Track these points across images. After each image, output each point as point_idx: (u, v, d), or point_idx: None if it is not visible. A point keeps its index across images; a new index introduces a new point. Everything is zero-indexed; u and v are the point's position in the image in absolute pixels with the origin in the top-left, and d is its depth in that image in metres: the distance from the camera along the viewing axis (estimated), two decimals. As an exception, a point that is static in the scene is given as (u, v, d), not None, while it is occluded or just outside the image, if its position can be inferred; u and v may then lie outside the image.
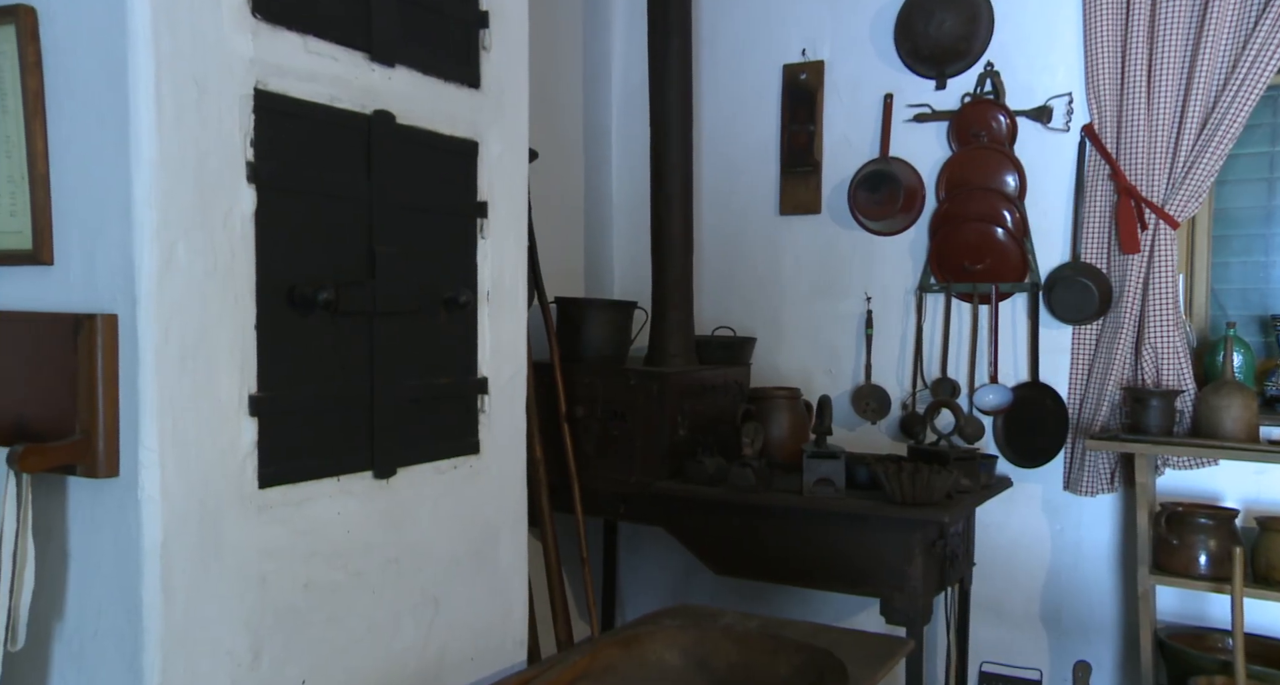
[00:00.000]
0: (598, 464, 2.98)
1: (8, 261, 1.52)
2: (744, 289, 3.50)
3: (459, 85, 1.98)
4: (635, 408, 2.93)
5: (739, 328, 3.37)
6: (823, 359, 3.38)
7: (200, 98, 1.49)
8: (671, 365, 3.09)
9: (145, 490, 1.43)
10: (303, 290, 1.64)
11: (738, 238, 3.50)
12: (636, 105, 3.60)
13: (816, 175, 3.35)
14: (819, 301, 3.39)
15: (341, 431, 1.74)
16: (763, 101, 3.42)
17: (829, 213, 3.35)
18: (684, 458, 2.92)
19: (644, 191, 3.56)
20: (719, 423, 3.16)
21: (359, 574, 1.76)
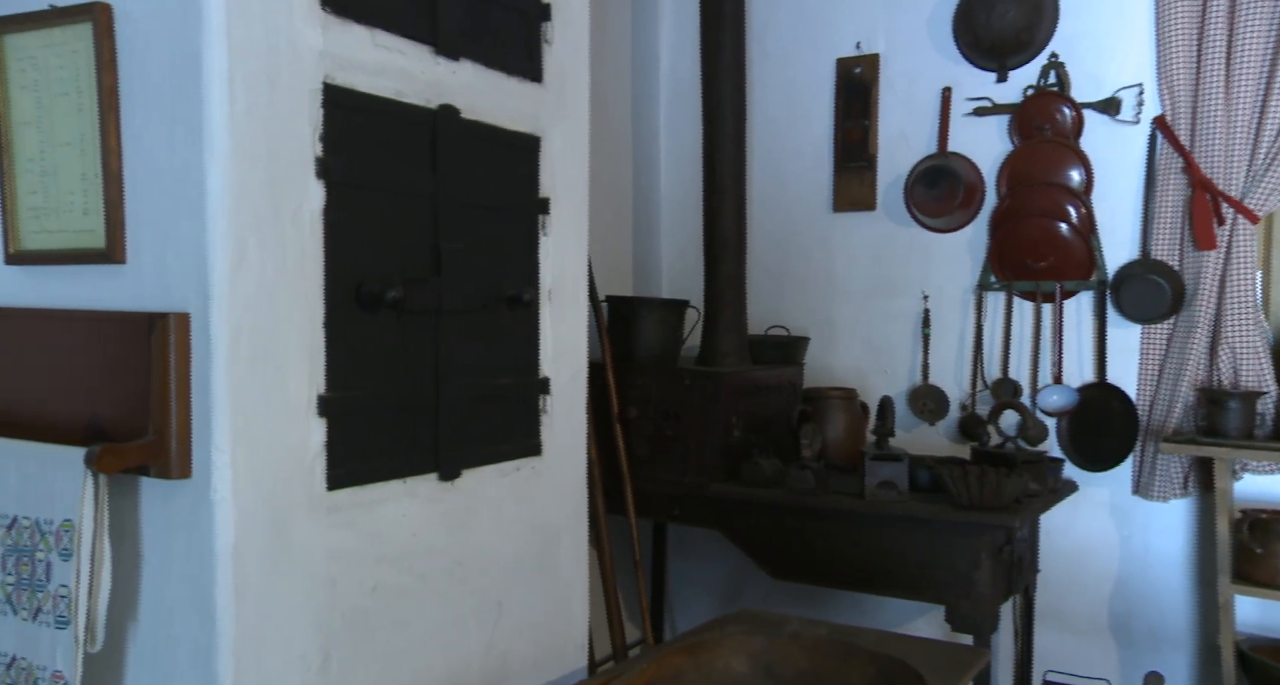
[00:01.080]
0: (650, 465, 2.93)
1: (80, 260, 1.51)
2: (796, 287, 3.44)
3: (521, 79, 1.95)
4: (689, 408, 2.88)
5: (791, 327, 3.31)
6: (877, 359, 3.30)
7: (271, 92, 1.46)
8: (725, 365, 3.03)
9: (217, 492, 1.40)
10: (371, 288, 1.61)
11: (789, 235, 3.43)
12: (685, 100, 3.55)
13: (871, 171, 3.27)
14: (874, 300, 3.31)
15: (407, 432, 1.71)
16: (815, 96, 3.35)
17: (884, 209, 3.27)
18: (739, 459, 2.86)
19: (693, 188, 3.51)
20: (772, 423, 3.10)
21: (424, 577, 1.73)
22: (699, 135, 3.28)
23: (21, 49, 1.51)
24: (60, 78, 1.49)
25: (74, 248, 1.51)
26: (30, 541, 1.38)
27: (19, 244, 1.57)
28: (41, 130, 1.52)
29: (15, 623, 1.38)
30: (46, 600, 1.36)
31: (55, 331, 1.53)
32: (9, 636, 1.39)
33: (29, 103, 1.53)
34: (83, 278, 1.52)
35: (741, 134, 3.09)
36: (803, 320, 3.40)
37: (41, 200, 1.54)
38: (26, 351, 1.56)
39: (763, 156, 3.44)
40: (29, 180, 1.55)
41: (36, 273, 1.57)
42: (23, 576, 1.38)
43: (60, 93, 1.49)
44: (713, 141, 3.08)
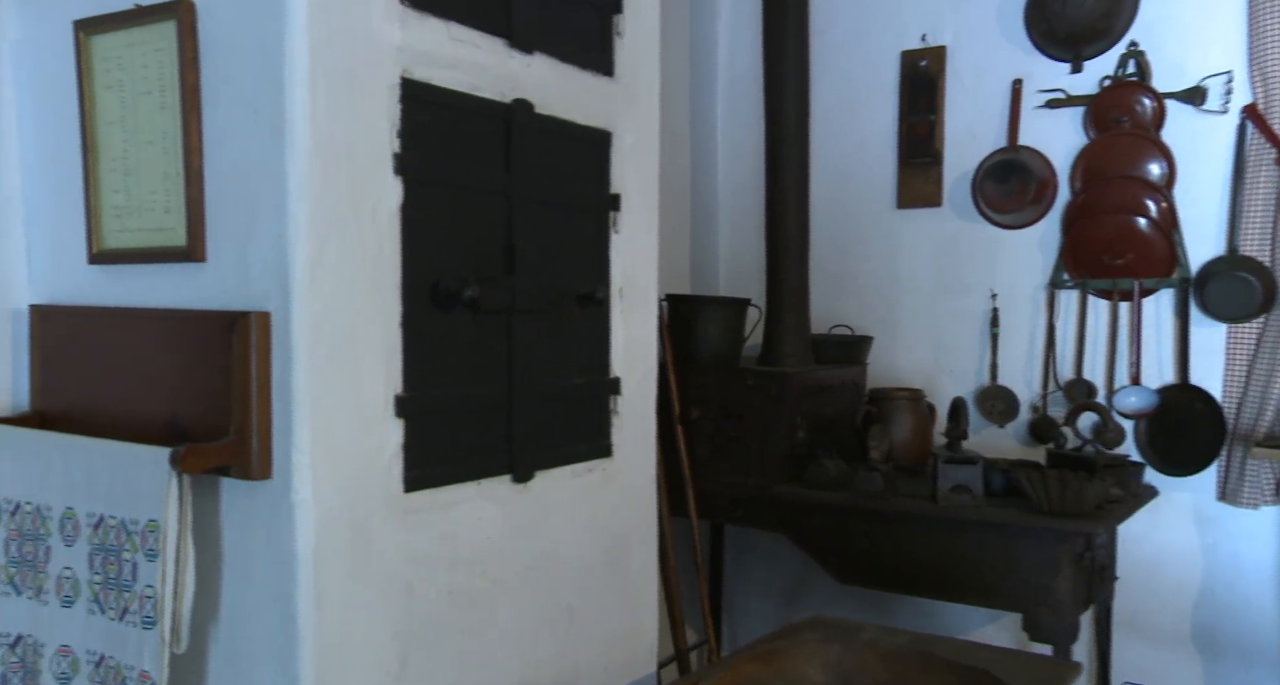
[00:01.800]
0: (712, 467, 2.88)
1: (161, 259, 1.50)
2: (858, 286, 3.36)
3: (594, 73, 1.91)
4: (752, 409, 2.82)
5: (853, 326, 3.23)
6: (943, 359, 3.21)
7: (351, 88, 1.44)
8: (788, 365, 2.97)
9: (298, 493, 1.38)
10: (447, 286, 1.58)
11: (852, 233, 3.35)
12: (743, 97, 3.49)
13: (937, 166, 3.18)
14: (939, 298, 3.22)
15: (481, 434, 1.69)
16: (879, 90, 3.28)
17: (951, 206, 3.18)
18: (803, 461, 2.80)
19: (751, 185, 3.45)
20: (835, 424, 3.03)
21: (499, 582, 1.70)
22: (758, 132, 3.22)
23: (107, 49, 1.51)
24: (144, 76, 1.48)
25: (155, 246, 1.51)
26: (116, 541, 1.37)
27: (101, 243, 1.57)
28: (125, 129, 1.52)
29: (103, 621, 1.38)
30: (133, 600, 1.35)
31: (136, 330, 1.53)
32: (97, 635, 1.39)
33: (113, 102, 1.53)
34: (163, 277, 1.52)
35: (805, 132, 3.02)
36: (865, 319, 3.32)
37: (124, 199, 1.54)
38: (109, 350, 1.56)
39: (824, 153, 3.36)
40: (112, 180, 1.55)
41: (118, 272, 1.57)
42: (110, 576, 1.38)
43: (143, 91, 1.49)
44: (775, 139, 3.02)
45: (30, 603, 1.46)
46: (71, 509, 1.43)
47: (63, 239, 1.63)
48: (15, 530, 1.49)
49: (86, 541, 1.41)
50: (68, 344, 1.61)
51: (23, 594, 1.47)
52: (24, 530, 1.48)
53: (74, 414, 1.60)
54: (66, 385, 1.61)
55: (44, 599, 1.45)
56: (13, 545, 1.49)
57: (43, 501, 1.46)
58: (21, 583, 1.48)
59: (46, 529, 1.45)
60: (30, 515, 1.47)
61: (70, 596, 1.42)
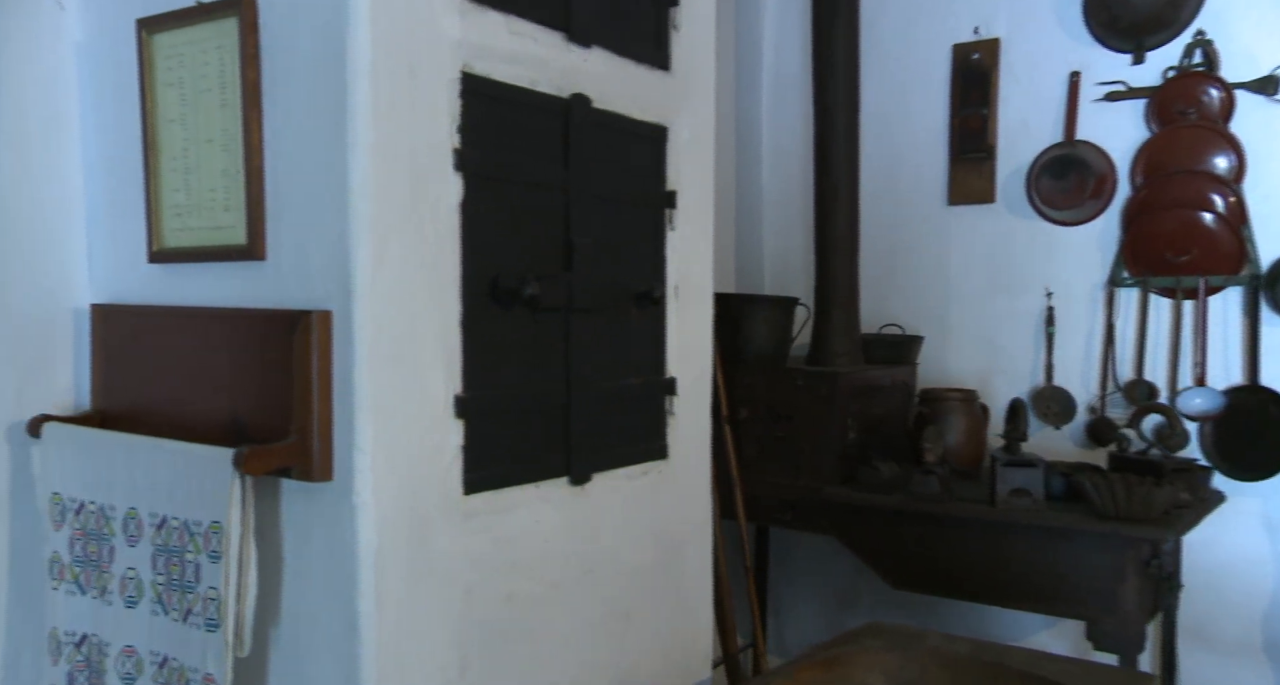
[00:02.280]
0: (760, 468, 2.84)
1: (221, 257, 1.49)
2: (907, 284, 3.29)
3: (650, 67, 1.87)
4: (802, 409, 2.77)
5: (902, 325, 3.17)
6: (996, 359, 3.14)
7: (412, 82, 1.41)
8: (837, 365, 2.91)
9: (359, 495, 1.36)
10: (506, 284, 1.56)
11: (901, 230, 3.29)
12: (789, 93, 3.44)
13: (990, 162, 3.11)
14: (992, 297, 3.15)
15: (538, 435, 1.66)
16: (930, 84, 3.21)
17: (1004, 202, 3.11)
18: (854, 463, 2.75)
19: (796, 182, 3.40)
20: (885, 425, 2.97)
21: (556, 586, 1.67)
22: (803, 128, 3.17)
23: (168, 47, 1.51)
24: (204, 74, 1.47)
25: (215, 245, 1.49)
26: (179, 542, 1.36)
27: (161, 242, 1.57)
28: (185, 127, 1.51)
29: (166, 623, 1.37)
30: (196, 602, 1.34)
31: (196, 330, 1.52)
32: (161, 636, 1.38)
33: (174, 100, 1.52)
34: (223, 275, 1.50)
35: (855, 128, 2.97)
36: (914, 318, 3.26)
37: (184, 197, 1.53)
38: (169, 350, 1.55)
39: (872, 148, 3.30)
40: (172, 178, 1.54)
41: (178, 271, 1.56)
42: (173, 577, 1.37)
43: (204, 89, 1.48)
44: (825, 135, 2.97)
45: (95, 602, 1.46)
46: (134, 509, 1.42)
47: (123, 238, 1.63)
48: (80, 529, 1.48)
49: (149, 542, 1.40)
50: (128, 343, 1.60)
51: (87, 593, 1.47)
52: (88, 529, 1.47)
53: (134, 413, 1.59)
54: (127, 384, 1.61)
55: (108, 599, 1.44)
56: (77, 544, 1.49)
57: (106, 501, 1.46)
58: (86, 582, 1.47)
59: (110, 529, 1.45)
60: (94, 515, 1.47)
61: (134, 597, 1.41)
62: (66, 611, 1.49)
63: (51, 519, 1.52)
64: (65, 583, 1.50)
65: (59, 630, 1.50)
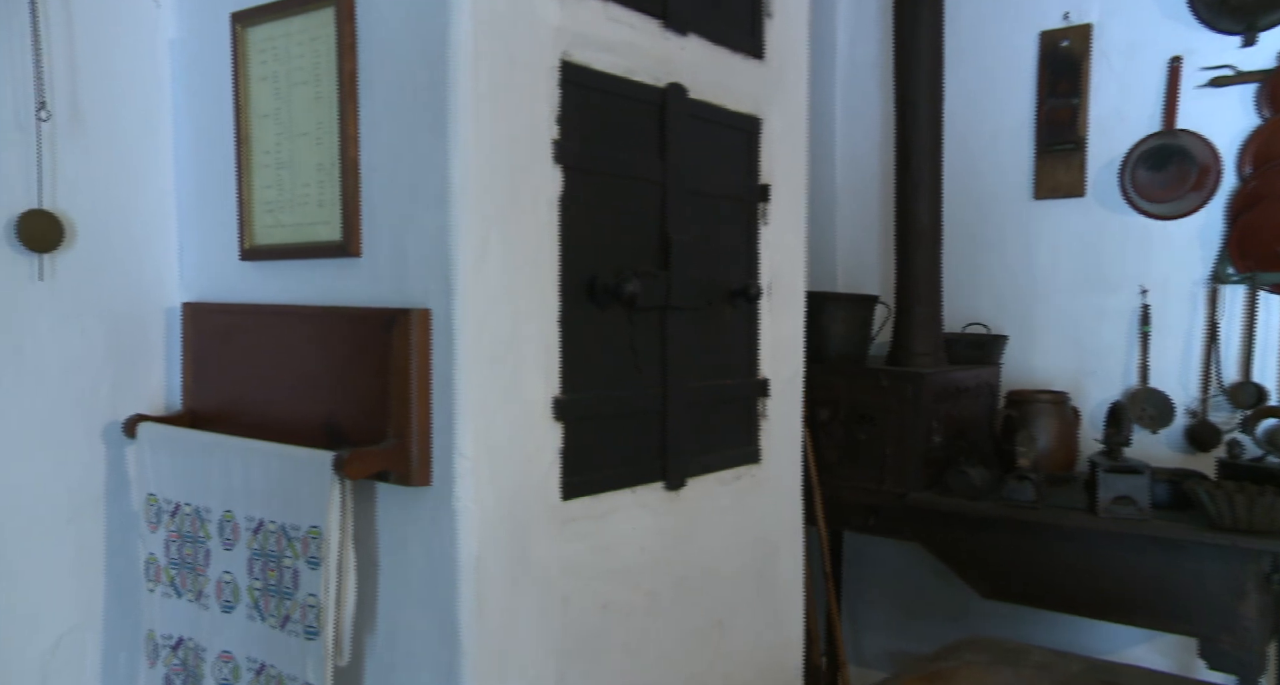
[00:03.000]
0: (841, 472, 2.74)
1: (315, 254, 1.45)
2: (989, 282, 3.16)
3: (744, 56, 1.80)
4: (885, 411, 2.67)
5: (985, 324, 3.05)
6: (1085, 359, 3.00)
7: (512, 72, 1.36)
8: (919, 365, 2.81)
9: (460, 500, 1.31)
10: (605, 282, 1.50)
11: (983, 225, 3.16)
12: (864, 83, 3.33)
13: (1080, 154, 2.97)
14: (1081, 295, 3.01)
15: (634, 438, 1.60)
16: (1015, 74, 3.07)
17: (1095, 195, 2.96)
18: (940, 467, 2.64)
19: (870, 176, 3.29)
20: (970, 428, 2.85)
21: (652, 595, 1.61)
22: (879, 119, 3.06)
23: (263, 40, 1.47)
24: (299, 66, 1.44)
25: (308, 241, 1.46)
26: (277, 547, 1.33)
27: (253, 239, 1.54)
28: (279, 121, 1.48)
29: (263, 629, 1.34)
30: (295, 609, 1.30)
31: (289, 328, 1.48)
32: (257, 642, 1.34)
33: (267, 94, 1.49)
34: (317, 272, 1.47)
35: (938, 119, 2.86)
36: (997, 317, 3.13)
37: (276, 193, 1.50)
38: (261, 349, 1.52)
39: (953, 140, 3.17)
40: (264, 174, 1.51)
41: (270, 268, 1.53)
42: (270, 582, 1.33)
43: (299, 81, 1.44)
44: (907, 128, 2.86)
45: (191, 606, 1.43)
46: (230, 512, 1.39)
47: (214, 236, 1.60)
48: (175, 532, 1.46)
49: (246, 546, 1.37)
50: (219, 342, 1.58)
51: (183, 596, 1.44)
52: (184, 532, 1.45)
53: (225, 413, 1.57)
54: (218, 384, 1.58)
55: (204, 603, 1.41)
56: (173, 546, 1.46)
57: (202, 503, 1.43)
58: (182, 585, 1.45)
59: (206, 532, 1.42)
60: (189, 517, 1.44)
61: (230, 602, 1.38)
62: (163, 614, 1.47)
63: (147, 520, 1.50)
64: (161, 585, 1.48)
65: (155, 633, 1.48)
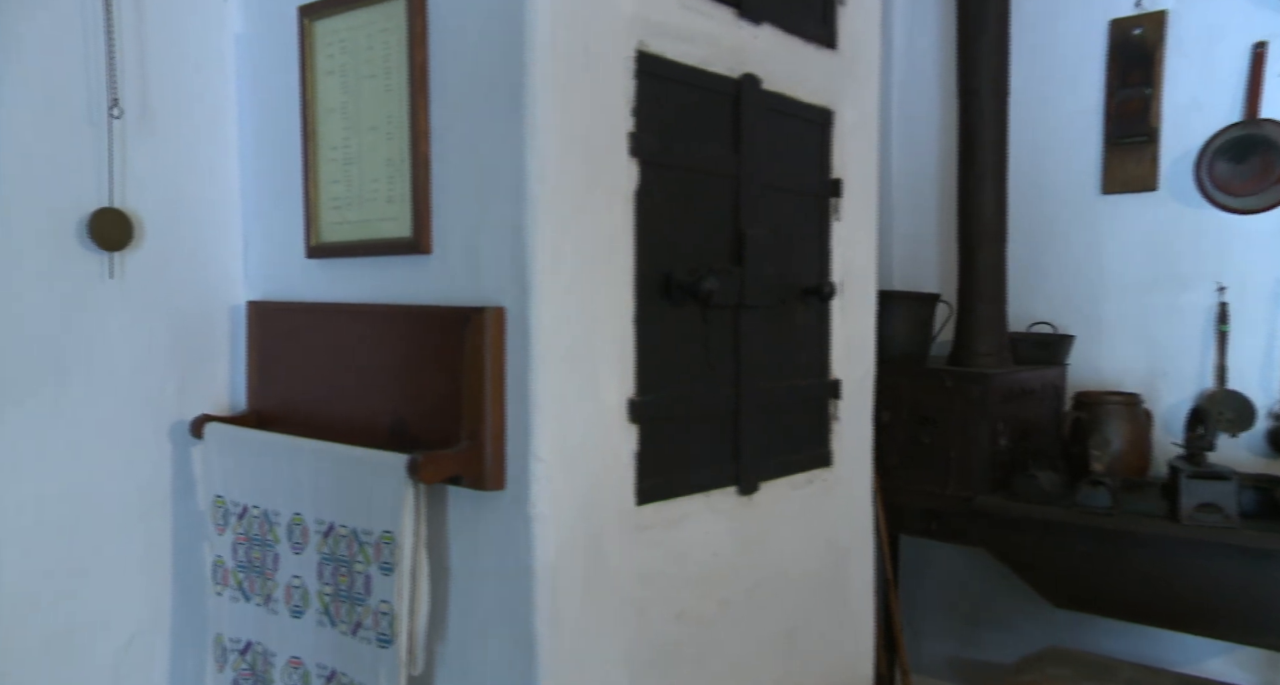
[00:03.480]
0: (902, 475, 2.66)
1: (383, 251, 1.42)
2: (1052, 279, 3.06)
3: (817, 46, 1.74)
4: (950, 413, 2.59)
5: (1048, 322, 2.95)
6: (1156, 360, 2.88)
7: (587, 62, 1.31)
8: (981, 365, 2.72)
9: (536, 506, 1.27)
10: (681, 279, 1.44)
11: (1047, 221, 3.06)
12: (922, 75, 3.24)
13: (1152, 146, 2.86)
14: (1152, 293, 2.89)
15: (708, 441, 1.54)
16: (1083, 64, 2.97)
17: (1168, 189, 2.85)
18: (1007, 470, 2.55)
19: (927, 170, 3.20)
20: (1034, 431, 2.76)
21: (725, 603, 1.56)
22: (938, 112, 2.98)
23: (331, 33, 1.44)
24: (368, 59, 1.40)
25: (377, 238, 1.43)
26: (348, 552, 1.29)
27: (319, 236, 1.51)
28: (346, 116, 1.45)
29: (334, 635, 1.30)
30: (367, 615, 1.27)
31: (357, 327, 1.45)
32: (328, 649, 1.31)
33: (335, 88, 1.45)
34: (385, 270, 1.43)
35: (1003, 111, 2.77)
36: (1062, 315, 3.03)
37: (344, 189, 1.47)
38: (327, 348, 1.49)
39: (1016, 134, 3.07)
40: (331, 169, 1.48)
41: (337, 265, 1.50)
42: (341, 588, 1.30)
43: (367, 75, 1.41)
44: (970, 121, 2.78)
45: (259, 610, 1.41)
46: (299, 515, 1.36)
47: (279, 233, 1.58)
48: (243, 534, 1.43)
49: (315, 550, 1.34)
50: (284, 341, 1.55)
51: (251, 600, 1.42)
52: (251, 535, 1.42)
53: (290, 413, 1.54)
54: (283, 383, 1.56)
55: (273, 607, 1.39)
56: (240, 549, 1.44)
57: (270, 506, 1.40)
58: (250, 589, 1.42)
59: (274, 535, 1.39)
60: (257, 520, 1.42)
61: (299, 607, 1.35)
62: (231, 618, 1.45)
63: (214, 522, 1.48)
64: (229, 588, 1.45)
65: (224, 636, 1.46)
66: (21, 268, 1.38)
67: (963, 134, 2.80)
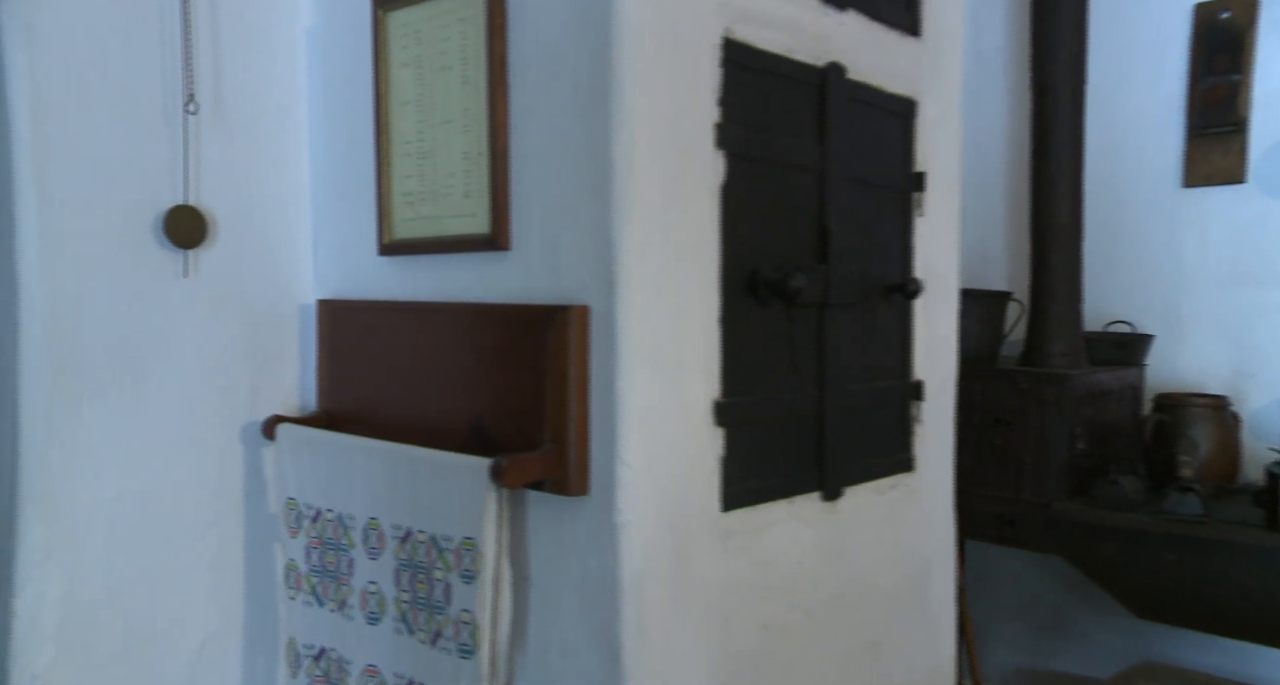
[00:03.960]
0: (974, 480, 2.57)
1: (459, 248, 1.38)
2: (1129, 276, 2.95)
3: (901, 33, 1.67)
4: (1025, 415, 2.50)
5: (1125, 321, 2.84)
6: (1242, 360, 2.76)
7: (675, 50, 1.26)
8: (1055, 365, 2.62)
9: (622, 513, 1.22)
10: (767, 276, 1.38)
11: (1124, 216, 2.94)
12: (990, 68, 3.14)
13: (1240, 136, 2.73)
14: (1238, 290, 2.77)
15: (792, 445, 1.48)
16: (1164, 51, 2.85)
17: (1258, 181, 2.72)
18: (1084, 475, 2.46)
19: (994, 166, 3.09)
20: (1111, 434, 2.65)
21: (809, 614, 1.49)
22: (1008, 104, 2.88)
23: (405, 25, 1.41)
24: (444, 50, 1.36)
25: (452, 235, 1.39)
26: (427, 558, 1.25)
27: (392, 233, 1.47)
28: (421, 109, 1.41)
29: (412, 644, 1.27)
30: (447, 624, 1.23)
31: (432, 326, 1.41)
32: (406, 658, 1.27)
33: (409, 81, 1.42)
34: (462, 267, 1.39)
35: (1080, 105, 2.67)
36: (1140, 314, 2.91)
37: (418, 184, 1.43)
38: (401, 348, 1.45)
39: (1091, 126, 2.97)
40: (405, 164, 1.44)
41: (411, 263, 1.46)
42: (419, 595, 1.26)
43: (443, 66, 1.37)
44: (1044, 114, 2.68)
45: (334, 616, 1.37)
46: (375, 520, 1.33)
47: (350, 230, 1.55)
48: (316, 538, 1.40)
49: (392, 556, 1.30)
50: (356, 341, 1.52)
51: (325, 605, 1.39)
52: (325, 538, 1.39)
53: (362, 414, 1.51)
54: (354, 384, 1.53)
55: (348, 613, 1.35)
56: (314, 553, 1.41)
57: (344, 510, 1.37)
58: (324, 594, 1.39)
59: (349, 540, 1.36)
60: (331, 523, 1.39)
61: (376, 613, 1.32)
62: (304, 623, 1.42)
63: (287, 525, 1.45)
64: (302, 593, 1.42)
65: (297, 642, 1.43)
66: (100, 267, 1.36)
67: (1036, 130, 2.70)
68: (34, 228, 1.31)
